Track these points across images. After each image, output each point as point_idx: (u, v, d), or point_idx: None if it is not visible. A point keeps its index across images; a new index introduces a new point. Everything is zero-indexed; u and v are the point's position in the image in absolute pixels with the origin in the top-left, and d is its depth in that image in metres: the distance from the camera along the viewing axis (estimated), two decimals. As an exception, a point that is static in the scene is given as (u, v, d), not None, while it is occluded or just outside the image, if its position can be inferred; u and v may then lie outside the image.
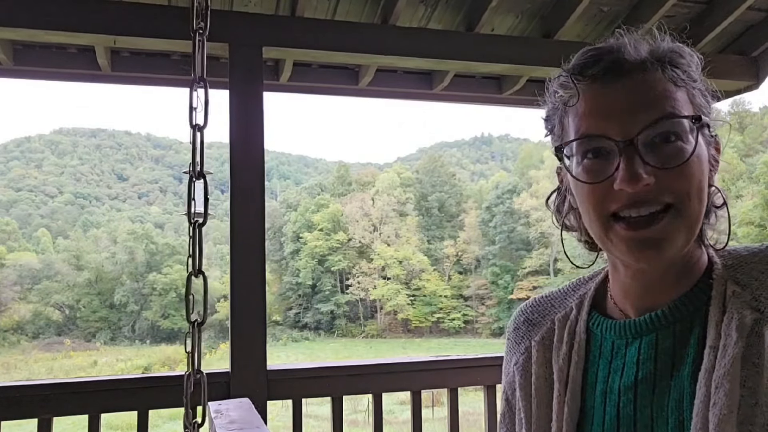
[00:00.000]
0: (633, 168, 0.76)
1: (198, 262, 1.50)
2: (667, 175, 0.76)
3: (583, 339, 0.91)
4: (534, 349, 0.95)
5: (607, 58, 0.80)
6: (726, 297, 0.80)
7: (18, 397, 2.13)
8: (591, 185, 0.80)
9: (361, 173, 64.07)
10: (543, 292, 1.05)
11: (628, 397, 0.83)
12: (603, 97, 0.80)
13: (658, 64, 0.80)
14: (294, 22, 2.57)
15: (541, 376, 0.92)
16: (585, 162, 0.81)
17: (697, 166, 0.78)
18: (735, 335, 0.75)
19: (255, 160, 2.43)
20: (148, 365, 34.24)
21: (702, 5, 2.93)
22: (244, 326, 2.34)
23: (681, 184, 0.77)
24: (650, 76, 0.79)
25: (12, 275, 47.35)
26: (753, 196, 41.75)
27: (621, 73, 0.79)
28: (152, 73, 2.80)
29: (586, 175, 0.81)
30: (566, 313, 0.95)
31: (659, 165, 0.76)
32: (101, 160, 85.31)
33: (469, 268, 51.92)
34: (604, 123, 0.79)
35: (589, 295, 0.95)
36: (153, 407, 2.25)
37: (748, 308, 0.77)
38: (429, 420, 10.72)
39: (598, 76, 0.80)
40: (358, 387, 2.48)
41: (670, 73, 0.80)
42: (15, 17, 2.27)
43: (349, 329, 48.47)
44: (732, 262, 0.84)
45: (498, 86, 3.22)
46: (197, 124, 1.50)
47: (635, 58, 0.80)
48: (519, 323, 1.02)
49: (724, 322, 0.78)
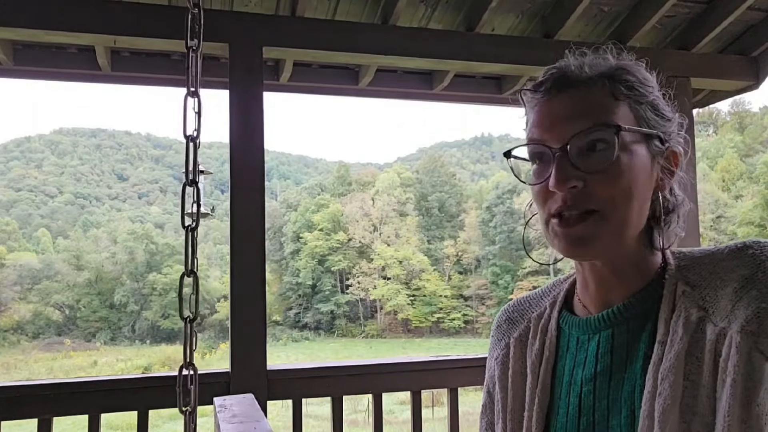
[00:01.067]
0: (562, 171, 0.84)
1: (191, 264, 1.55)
2: (594, 180, 0.84)
3: (554, 335, 0.99)
4: (512, 346, 1.04)
5: (554, 75, 0.89)
6: (676, 295, 0.86)
7: (18, 397, 2.13)
8: (535, 186, 0.90)
9: (361, 173, 64.07)
10: (524, 294, 1.13)
11: (589, 387, 0.90)
12: (547, 109, 0.89)
13: (600, 79, 0.87)
14: (294, 22, 2.57)
15: (516, 370, 1.01)
16: (534, 166, 0.91)
17: (625, 174, 0.84)
18: (681, 331, 0.82)
19: (255, 160, 2.43)
20: (148, 365, 34.24)
21: (702, 5, 2.93)
22: (244, 326, 2.34)
23: (607, 189, 0.84)
24: (591, 89, 0.87)
25: (12, 275, 47.33)
26: (753, 196, 41.74)
27: (565, 87, 0.88)
28: (152, 73, 2.80)
29: (532, 177, 0.91)
30: (541, 312, 1.04)
31: (586, 170, 0.84)
32: (101, 160, 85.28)
33: (469, 268, 51.91)
34: (545, 131, 0.88)
35: (561, 295, 1.04)
36: (153, 407, 2.25)
37: (695, 306, 0.83)
38: (429, 420, 10.72)
39: (546, 91, 0.89)
40: (358, 387, 2.49)
41: (611, 88, 0.87)
42: (15, 17, 2.27)
43: (349, 329, 48.46)
44: (686, 263, 0.89)
45: (498, 86, 3.22)
46: (190, 135, 1.53)
47: (578, 74, 0.88)
48: (501, 322, 1.11)
49: (672, 318, 0.84)
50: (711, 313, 0.81)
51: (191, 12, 1.53)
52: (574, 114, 0.86)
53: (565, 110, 0.87)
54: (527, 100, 0.93)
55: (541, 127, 0.89)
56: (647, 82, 0.90)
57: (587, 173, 0.84)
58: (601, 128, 0.84)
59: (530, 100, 0.92)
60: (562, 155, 0.85)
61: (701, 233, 2.83)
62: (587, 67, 0.89)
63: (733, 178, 46.56)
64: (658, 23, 2.95)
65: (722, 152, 48.26)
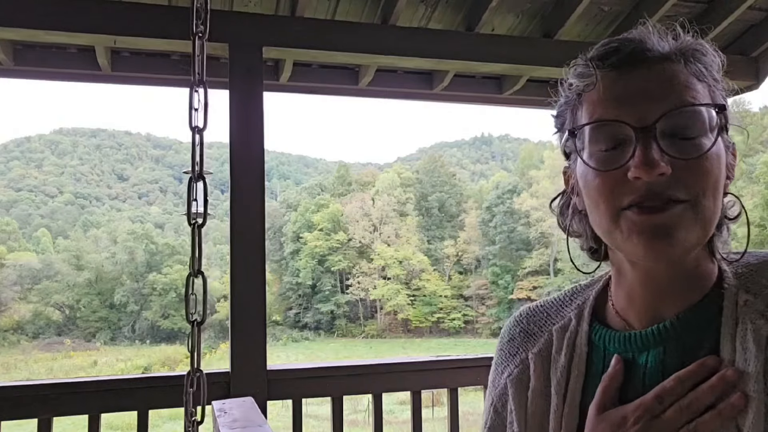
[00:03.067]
0: (649, 154, 0.71)
1: (198, 262, 1.51)
2: (683, 167, 0.72)
3: (584, 352, 0.85)
4: (531, 362, 0.90)
5: (628, 47, 0.77)
6: (738, 307, 0.75)
7: (18, 397, 2.13)
8: (603, 174, 0.75)
9: (361, 173, 64.07)
10: (538, 301, 0.99)
11: None
12: (621, 84, 0.75)
13: (681, 56, 0.77)
14: (294, 22, 2.57)
15: (537, 389, 0.87)
16: (598, 151, 0.76)
17: (715, 164, 0.74)
18: (753, 348, 0.71)
19: (255, 160, 2.43)
20: (148, 365, 34.25)
21: (702, 5, 2.93)
22: (244, 326, 2.34)
23: (697, 179, 0.72)
24: (672, 66, 0.76)
25: (12, 275, 47.33)
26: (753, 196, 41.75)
27: (642, 63, 0.76)
28: (152, 73, 2.80)
29: (599, 163, 0.76)
30: (565, 324, 0.90)
31: (677, 155, 0.72)
32: (101, 160, 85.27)
33: (469, 268, 51.91)
34: (621, 109, 0.74)
35: (588, 304, 0.90)
36: (153, 407, 2.25)
37: (761, 318, 0.73)
38: (429, 420, 10.72)
39: (618, 64, 0.76)
40: (358, 387, 2.49)
41: (693, 67, 0.76)
42: (15, 17, 2.27)
43: (349, 329, 48.45)
44: (743, 271, 0.79)
45: (498, 86, 3.22)
46: (197, 126, 1.50)
47: (657, 49, 0.77)
48: (514, 334, 0.96)
49: (738, 333, 0.73)
50: None
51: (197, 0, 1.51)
52: (660, 91, 0.74)
53: (648, 86, 0.74)
54: (581, 75, 0.78)
55: (615, 103, 0.75)
56: (719, 66, 0.80)
57: (677, 159, 0.72)
58: (697, 108, 0.73)
59: (587, 74, 0.78)
60: (647, 136, 0.72)
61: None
62: (665, 42, 0.78)
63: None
64: (659, 22, 2.95)
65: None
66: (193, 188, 1.50)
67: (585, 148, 0.78)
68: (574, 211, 0.88)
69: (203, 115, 1.51)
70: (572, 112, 0.82)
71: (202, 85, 1.50)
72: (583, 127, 0.78)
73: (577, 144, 0.80)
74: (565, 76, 0.83)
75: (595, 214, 0.79)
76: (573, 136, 0.80)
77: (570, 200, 0.89)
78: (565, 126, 0.83)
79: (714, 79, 0.78)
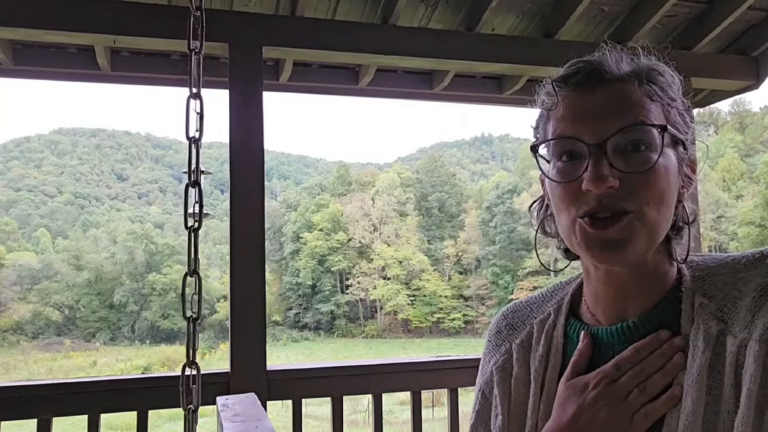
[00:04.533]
0: (599, 169, 0.79)
1: (194, 263, 1.55)
2: (631, 180, 0.80)
3: (560, 342, 0.95)
4: (514, 351, 1.00)
5: (587, 68, 0.85)
6: (694, 308, 0.83)
7: (18, 398, 2.13)
8: (563, 185, 0.84)
9: (361, 173, 64.08)
10: (523, 297, 1.09)
11: None
12: (579, 103, 0.84)
13: (636, 78, 0.84)
14: (294, 21, 2.57)
15: (520, 376, 0.97)
16: (559, 164, 0.85)
17: (662, 177, 0.81)
18: (702, 345, 0.79)
19: (255, 160, 2.43)
20: (147, 365, 34.24)
21: (702, 5, 2.93)
22: (244, 326, 2.34)
23: (643, 191, 0.80)
24: (627, 87, 0.83)
25: (11, 275, 47.32)
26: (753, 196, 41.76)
27: (599, 83, 0.84)
28: (152, 73, 2.80)
29: (558, 175, 0.85)
30: (545, 318, 0.99)
31: (625, 170, 0.79)
32: (101, 160, 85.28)
33: (469, 268, 51.92)
34: (578, 126, 0.83)
35: (566, 300, 0.99)
36: (153, 407, 2.25)
37: (713, 319, 0.81)
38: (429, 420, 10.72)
39: (578, 84, 0.84)
40: (358, 387, 2.48)
41: (647, 88, 0.84)
42: (15, 17, 2.27)
43: (349, 329, 48.46)
44: (700, 274, 0.87)
45: (498, 86, 3.22)
46: (193, 136, 1.54)
47: (614, 71, 0.84)
48: (501, 327, 1.06)
49: (692, 332, 0.81)
50: (730, 325, 0.79)
51: (193, 15, 1.53)
52: (613, 110, 0.81)
53: (603, 105, 0.82)
54: (548, 93, 0.88)
55: (573, 121, 0.83)
56: (676, 85, 0.87)
57: (625, 173, 0.79)
58: (645, 127, 0.80)
59: (553, 93, 0.87)
60: (599, 152, 0.80)
61: (702, 233, 2.83)
62: (622, 63, 0.85)
63: (733, 178, 46.58)
64: (658, 23, 2.95)
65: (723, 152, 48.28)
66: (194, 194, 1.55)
67: (551, 159, 0.87)
68: (549, 213, 0.96)
69: (199, 125, 1.55)
70: (543, 126, 0.91)
71: (198, 98, 1.54)
72: (546, 142, 0.87)
73: (546, 155, 0.89)
74: (537, 92, 0.92)
75: (558, 219, 0.88)
76: (535, 150, 0.89)
77: (547, 205, 0.96)
78: (539, 138, 0.92)
79: (670, 98, 0.85)
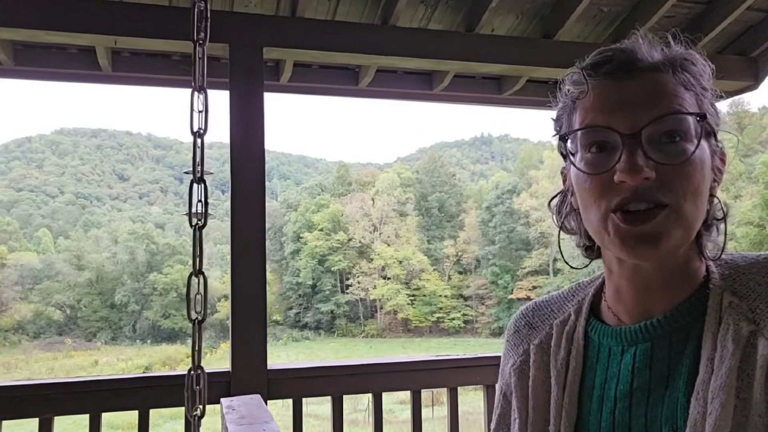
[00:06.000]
0: (634, 160, 0.76)
1: (199, 263, 1.54)
2: (667, 172, 0.77)
3: (581, 345, 0.91)
4: (532, 353, 0.96)
5: (619, 57, 0.81)
6: (722, 308, 0.80)
7: (19, 397, 2.13)
8: (592, 177, 0.81)
9: (361, 173, 64.06)
10: (543, 296, 1.06)
11: (624, 404, 0.83)
12: (612, 92, 0.80)
13: (670, 66, 0.81)
14: (294, 22, 2.57)
15: (538, 378, 0.93)
16: (588, 155, 0.81)
17: (698, 169, 0.78)
18: (731, 347, 0.76)
19: (255, 161, 2.43)
20: (148, 365, 34.27)
21: (702, 5, 2.93)
22: (245, 326, 2.35)
23: (680, 183, 0.77)
24: (661, 76, 0.80)
25: (13, 275, 47.34)
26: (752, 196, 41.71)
27: (632, 72, 0.80)
28: (153, 74, 2.80)
29: (589, 167, 0.81)
30: (565, 318, 0.96)
31: (661, 161, 0.76)
32: (102, 160, 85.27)
33: (469, 268, 51.90)
34: (610, 116, 0.79)
35: (587, 300, 0.96)
36: (154, 407, 2.26)
37: (744, 319, 0.77)
38: (429, 419, 10.72)
39: (610, 73, 0.81)
40: (358, 387, 2.49)
41: (681, 77, 0.81)
42: (15, 17, 2.27)
43: (349, 329, 48.46)
44: (729, 272, 0.83)
45: (498, 86, 3.22)
46: (198, 130, 1.53)
47: (647, 59, 0.81)
48: (520, 326, 1.03)
49: (720, 332, 0.78)
50: (762, 327, 0.76)
51: (197, 7, 1.53)
52: (648, 99, 0.78)
53: (636, 94, 0.79)
54: (576, 82, 0.84)
55: (604, 111, 0.80)
56: (708, 75, 0.84)
57: (661, 164, 0.76)
58: (681, 116, 0.77)
59: (581, 82, 0.83)
60: (634, 142, 0.77)
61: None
62: (656, 51, 0.82)
63: (732, 178, 46.53)
64: (658, 23, 2.95)
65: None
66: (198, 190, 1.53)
67: (577, 151, 0.84)
68: (570, 209, 0.93)
69: (204, 119, 1.54)
70: (568, 117, 0.87)
71: (203, 91, 1.53)
72: (574, 132, 0.83)
73: (570, 147, 0.85)
74: (562, 81, 0.87)
75: (586, 215, 0.85)
76: (564, 140, 0.85)
77: (566, 199, 0.93)
78: (562, 129, 0.88)
79: (702, 87, 0.82)
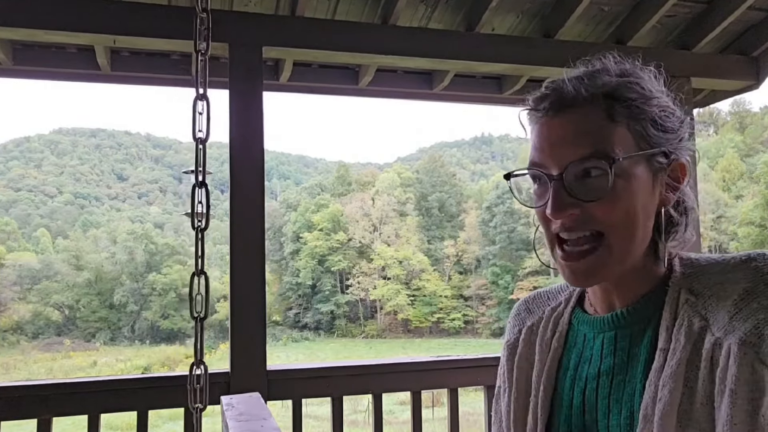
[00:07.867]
0: (558, 199, 0.85)
1: (201, 263, 1.56)
2: (591, 206, 0.85)
3: (564, 329, 1.02)
4: (524, 333, 1.08)
5: (552, 95, 0.88)
6: (679, 303, 0.87)
7: (18, 398, 2.13)
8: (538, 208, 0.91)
9: (361, 173, 64.12)
10: (545, 287, 1.16)
11: (593, 385, 0.93)
12: (546, 131, 0.88)
13: (597, 99, 0.86)
14: (294, 21, 2.57)
15: (523, 356, 1.05)
16: (534, 187, 0.92)
17: (624, 197, 0.85)
18: (683, 340, 0.83)
19: (255, 160, 2.43)
20: (147, 365, 34.28)
21: (702, 5, 2.93)
22: (244, 326, 2.34)
23: (605, 215, 0.85)
24: (588, 111, 0.86)
25: (11, 275, 47.35)
26: (753, 196, 41.75)
27: (562, 108, 0.87)
28: (152, 73, 2.80)
29: (535, 198, 0.92)
30: (556, 306, 1.07)
31: (583, 198, 0.85)
32: (101, 160, 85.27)
33: (469, 268, 51.94)
34: (543, 154, 0.88)
35: (576, 291, 1.07)
36: (153, 407, 2.25)
37: (697, 315, 0.84)
38: (429, 420, 10.72)
39: (548, 109, 0.88)
40: (358, 387, 2.48)
41: (608, 109, 0.85)
42: (14, 17, 2.27)
43: (349, 329, 48.48)
44: (692, 271, 0.90)
45: (498, 86, 3.22)
46: (200, 137, 1.54)
47: (573, 95, 0.86)
48: (520, 310, 1.14)
49: (675, 326, 0.86)
50: (711, 323, 0.83)
51: (199, 16, 1.54)
52: (571, 140, 0.85)
53: (562, 135, 0.86)
54: (528, 116, 0.93)
55: (539, 151, 0.89)
56: (651, 95, 0.88)
57: (584, 201, 0.85)
58: (594, 159, 0.84)
59: (531, 115, 0.92)
60: (558, 182, 0.85)
61: (702, 233, 2.83)
62: (584, 87, 0.86)
63: (733, 178, 46.58)
64: (658, 23, 2.95)
65: (723, 152, 48.29)
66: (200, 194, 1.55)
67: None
68: None
69: (206, 126, 1.55)
70: None
71: (204, 99, 1.54)
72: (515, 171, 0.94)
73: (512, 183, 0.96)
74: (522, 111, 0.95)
75: (544, 233, 0.95)
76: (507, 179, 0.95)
77: None
78: None
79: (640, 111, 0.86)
